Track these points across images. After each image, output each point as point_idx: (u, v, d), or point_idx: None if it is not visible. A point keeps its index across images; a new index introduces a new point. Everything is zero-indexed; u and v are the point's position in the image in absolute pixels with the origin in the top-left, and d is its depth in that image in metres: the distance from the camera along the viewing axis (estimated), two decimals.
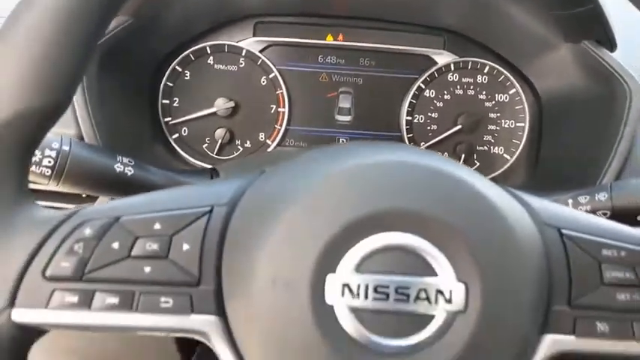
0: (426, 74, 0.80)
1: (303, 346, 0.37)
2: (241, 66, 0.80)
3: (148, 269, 0.39)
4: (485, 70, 0.80)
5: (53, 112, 0.39)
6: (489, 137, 0.81)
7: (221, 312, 0.40)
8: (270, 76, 0.80)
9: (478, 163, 0.81)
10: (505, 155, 0.81)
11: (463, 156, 0.81)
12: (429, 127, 0.81)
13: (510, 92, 0.80)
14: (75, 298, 0.39)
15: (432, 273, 0.37)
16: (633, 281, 0.40)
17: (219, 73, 0.80)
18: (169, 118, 0.80)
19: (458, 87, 0.81)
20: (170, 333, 0.40)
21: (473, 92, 0.81)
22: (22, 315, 0.38)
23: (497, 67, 0.80)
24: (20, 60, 0.37)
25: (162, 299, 0.39)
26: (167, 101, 0.80)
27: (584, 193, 0.57)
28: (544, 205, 0.43)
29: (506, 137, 0.81)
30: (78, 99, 0.63)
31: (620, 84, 0.64)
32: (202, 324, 0.39)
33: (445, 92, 0.81)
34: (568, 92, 0.73)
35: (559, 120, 0.75)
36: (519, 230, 0.40)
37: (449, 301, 0.37)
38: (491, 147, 0.81)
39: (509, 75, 0.80)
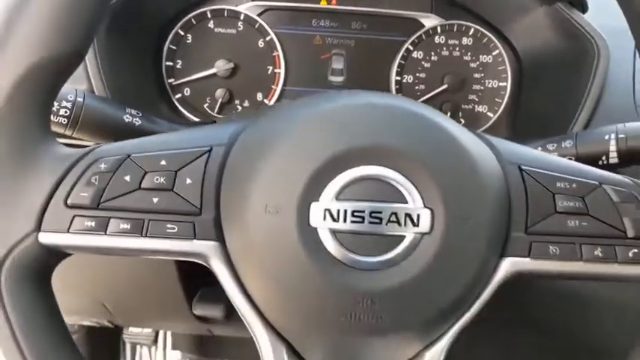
0: (414, 36, 0.85)
1: (291, 264, 0.43)
2: (240, 29, 0.85)
3: (155, 200, 0.45)
4: (470, 33, 0.85)
5: (73, 59, 0.44)
6: (474, 96, 0.86)
7: (220, 237, 0.45)
8: (267, 38, 0.85)
9: (463, 121, 0.86)
10: (489, 113, 0.86)
11: (449, 113, 0.86)
12: (417, 87, 0.86)
13: (494, 53, 0.85)
14: (92, 224, 0.44)
15: (403, 200, 0.43)
16: (582, 209, 0.46)
17: (219, 37, 0.85)
18: (172, 79, 0.85)
19: (444, 49, 0.86)
20: (175, 256, 0.46)
21: (458, 54, 0.86)
22: (47, 238, 0.44)
23: (482, 29, 0.85)
24: (44, 10, 0.42)
25: (169, 226, 0.45)
26: (170, 63, 0.85)
27: (553, 142, 0.62)
28: (507, 145, 0.49)
29: (490, 96, 0.86)
30: (89, 58, 0.69)
31: (590, 42, 0.69)
32: (203, 248, 0.45)
33: (432, 54, 0.86)
34: (545, 52, 0.78)
35: (537, 78, 0.80)
36: (482, 165, 0.45)
37: (416, 224, 0.43)
38: (476, 105, 0.86)
39: (492, 37, 0.85)
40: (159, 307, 0.87)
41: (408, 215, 0.43)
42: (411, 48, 0.86)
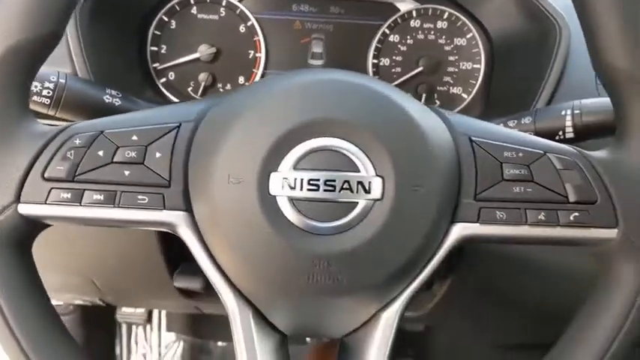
0: (390, 20, 0.88)
1: (252, 231, 0.46)
2: (222, 15, 0.88)
3: (127, 172, 0.48)
4: (445, 17, 0.88)
5: (51, 41, 0.48)
6: (449, 78, 0.89)
7: (188, 208, 0.49)
8: (248, 24, 0.88)
9: (438, 102, 0.89)
10: (463, 94, 0.89)
11: (424, 95, 0.89)
12: (393, 70, 0.89)
13: (468, 36, 0.88)
14: (68, 195, 0.48)
15: (355, 169, 0.46)
16: (527, 177, 0.49)
17: (201, 22, 0.88)
18: (157, 64, 0.88)
19: (420, 32, 0.89)
20: (146, 226, 0.50)
21: (433, 37, 0.88)
22: (26, 209, 0.47)
23: (456, 13, 0.87)
24: None
25: (139, 197, 0.48)
26: (155, 48, 0.88)
27: (513, 118, 0.65)
28: (459, 118, 0.52)
29: (464, 78, 0.89)
30: (73, 41, 0.72)
31: (552, 23, 0.72)
32: (172, 218, 0.48)
33: (408, 37, 0.89)
34: (513, 33, 0.81)
35: (507, 59, 0.83)
36: (432, 136, 0.48)
37: (368, 191, 0.46)
38: (450, 87, 0.89)
39: (466, 20, 0.87)
40: (144, 283, 0.90)
41: (360, 183, 0.46)
42: (388, 32, 0.88)
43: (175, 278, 0.80)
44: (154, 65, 0.88)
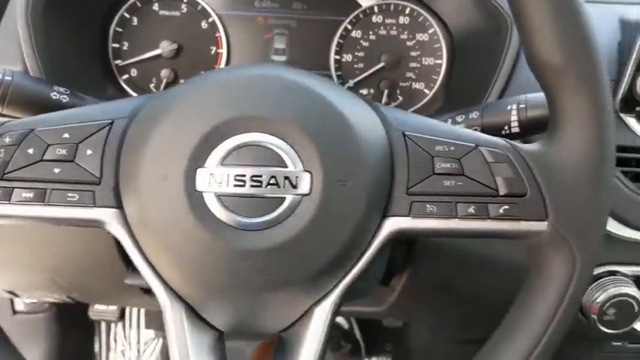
0: (352, 16, 0.88)
1: (180, 227, 0.46)
2: (183, 11, 0.88)
3: (57, 170, 0.48)
4: (407, 12, 0.88)
5: None
6: (411, 74, 0.89)
7: (119, 205, 0.48)
8: (210, 20, 0.88)
9: (401, 98, 0.89)
10: (425, 90, 0.89)
11: (386, 91, 0.88)
12: (355, 66, 0.89)
13: (429, 32, 0.88)
14: None
15: (283, 164, 0.46)
16: (457, 170, 0.49)
17: (163, 19, 0.88)
18: (119, 61, 0.88)
19: (382, 28, 0.88)
20: (77, 224, 0.50)
21: (396, 32, 0.88)
22: None
23: (417, 8, 0.87)
24: None
25: (69, 195, 0.48)
26: (117, 45, 0.88)
27: (462, 113, 0.65)
28: (395, 113, 0.52)
29: (426, 73, 0.89)
30: (24, 39, 0.72)
31: (505, 18, 0.72)
32: (102, 215, 0.48)
33: (370, 33, 0.89)
34: (471, 28, 0.81)
35: (466, 54, 0.83)
36: (364, 131, 0.48)
37: (295, 186, 0.46)
38: (413, 83, 0.89)
39: (427, 16, 0.87)
40: (103, 281, 0.90)
41: (287, 178, 0.46)
42: (350, 27, 0.88)
43: (128, 276, 0.80)
44: (116, 62, 0.88)
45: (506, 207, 0.49)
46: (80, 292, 0.98)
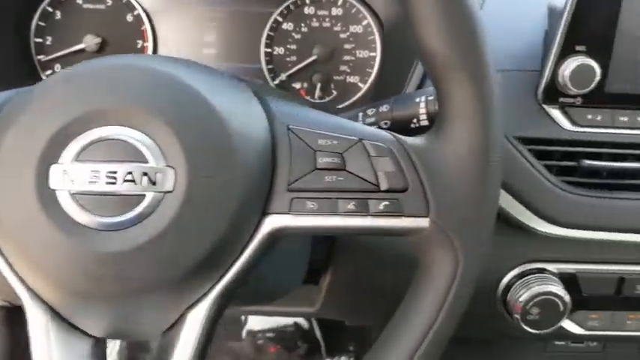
0: (282, 7, 0.85)
1: (33, 227, 0.43)
2: (108, 5, 0.85)
3: None
4: (339, 3, 0.85)
5: None
6: (345, 67, 0.86)
7: None
8: (135, 13, 0.85)
9: (335, 92, 0.86)
10: (359, 83, 0.86)
11: (319, 85, 0.86)
12: (287, 59, 0.86)
13: (363, 23, 0.85)
14: None
15: (143, 159, 0.43)
16: (339, 165, 0.46)
17: (87, 12, 0.85)
18: (42, 56, 0.85)
19: (314, 20, 0.86)
20: None
21: (329, 24, 0.86)
22: None
23: (350, 0, 0.85)
24: None
25: None
26: (40, 40, 0.85)
27: (373, 107, 0.62)
28: (284, 107, 0.49)
29: (361, 66, 0.86)
30: None
31: None
32: None
33: (302, 25, 0.86)
34: (399, 20, 0.78)
35: (396, 46, 0.80)
36: (238, 124, 0.45)
37: (154, 183, 0.43)
38: (347, 76, 0.86)
39: (360, 7, 0.84)
40: None
41: (145, 174, 0.43)
42: (280, 19, 0.85)
43: None
44: (39, 57, 0.85)
45: (387, 203, 0.46)
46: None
